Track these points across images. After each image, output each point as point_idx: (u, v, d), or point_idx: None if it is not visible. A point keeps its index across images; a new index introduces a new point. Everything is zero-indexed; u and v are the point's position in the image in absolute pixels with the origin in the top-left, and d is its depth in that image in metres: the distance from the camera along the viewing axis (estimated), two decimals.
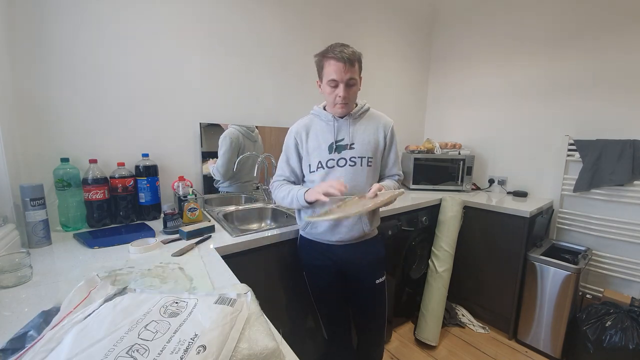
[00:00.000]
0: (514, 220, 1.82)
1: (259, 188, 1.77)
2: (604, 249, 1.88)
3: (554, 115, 2.05)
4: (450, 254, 1.91)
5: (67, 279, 0.82)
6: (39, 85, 1.18)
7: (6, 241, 0.91)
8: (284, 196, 1.17)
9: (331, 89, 1.08)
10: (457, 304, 2.19)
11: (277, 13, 1.78)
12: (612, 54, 1.80)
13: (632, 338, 1.46)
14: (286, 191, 1.16)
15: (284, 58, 1.85)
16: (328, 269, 1.22)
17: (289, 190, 1.16)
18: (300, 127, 1.20)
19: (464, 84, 2.53)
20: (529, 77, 2.15)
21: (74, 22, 1.22)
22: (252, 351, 0.50)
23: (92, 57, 1.27)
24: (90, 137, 1.30)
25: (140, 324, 0.52)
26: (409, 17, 2.53)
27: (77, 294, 0.64)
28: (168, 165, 1.50)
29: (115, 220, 1.31)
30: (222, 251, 1.06)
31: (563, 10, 1.96)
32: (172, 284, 0.79)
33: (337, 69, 1.03)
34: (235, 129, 1.67)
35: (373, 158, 1.16)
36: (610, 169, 1.78)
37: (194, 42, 1.52)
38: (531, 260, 1.80)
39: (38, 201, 1.01)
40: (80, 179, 1.22)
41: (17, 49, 1.12)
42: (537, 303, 1.79)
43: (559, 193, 2.03)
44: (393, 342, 1.90)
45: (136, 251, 1.00)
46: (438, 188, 2.28)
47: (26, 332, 0.56)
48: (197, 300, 0.60)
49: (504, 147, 2.32)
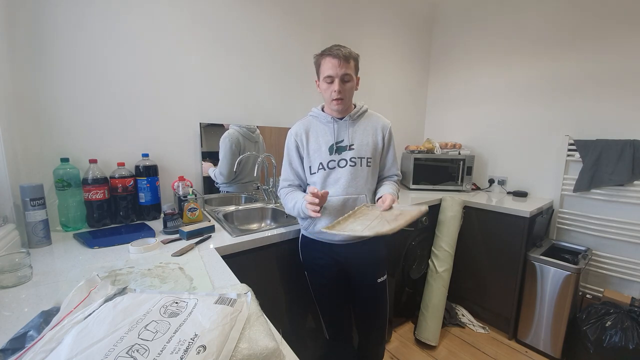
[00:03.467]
0: (514, 220, 1.82)
1: (259, 188, 1.77)
2: (604, 249, 1.88)
3: (554, 115, 2.05)
4: (450, 254, 1.91)
5: (67, 279, 0.82)
6: (39, 85, 1.18)
7: (6, 241, 0.91)
8: (291, 208, 1.18)
9: (327, 85, 1.10)
10: (457, 304, 2.19)
11: (277, 13, 1.78)
12: (612, 54, 1.80)
13: (632, 338, 1.46)
14: (292, 202, 1.17)
15: (284, 58, 1.85)
16: (330, 268, 1.22)
17: (294, 202, 1.16)
18: (299, 129, 1.20)
19: (464, 84, 2.53)
20: (529, 77, 2.15)
21: (74, 22, 1.22)
22: (252, 351, 0.50)
23: (92, 57, 1.27)
24: (90, 137, 1.30)
25: (140, 324, 0.52)
26: (408, 17, 2.53)
27: (77, 294, 0.63)
28: (168, 165, 1.50)
29: (115, 220, 1.31)
30: (222, 251, 1.06)
31: (563, 11, 1.96)
32: (172, 284, 0.79)
33: (333, 65, 1.07)
34: (235, 129, 1.67)
35: (372, 158, 1.17)
36: (610, 169, 1.78)
37: (194, 42, 1.52)
38: (531, 260, 1.80)
39: (38, 201, 1.01)
40: (80, 179, 1.22)
41: (17, 48, 1.12)
42: (537, 303, 1.79)
43: (559, 193, 2.03)
44: (393, 342, 1.90)
45: (136, 251, 1.00)
46: (438, 188, 2.28)
47: (26, 332, 0.56)
48: (197, 300, 0.60)
49: (504, 147, 2.32)
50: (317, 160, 1.16)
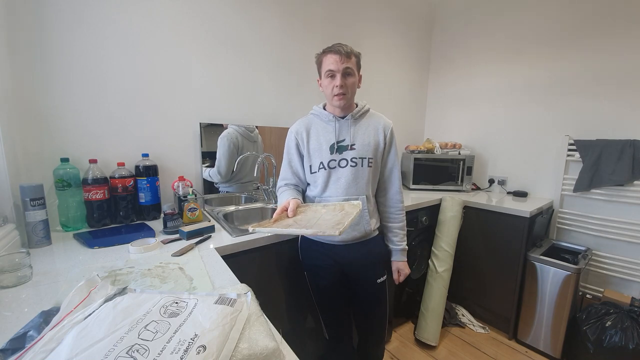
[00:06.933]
0: (514, 220, 1.82)
1: (259, 188, 1.77)
2: (604, 249, 1.88)
3: (554, 115, 2.05)
4: (450, 254, 1.91)
5: (67, 279, 0.82)
6: (39, 85, 1.18)
7: (6, 241, 0.91)
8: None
9: (329, 80, 1.10)
10: (457, 304, 2.19)
11: (277, 13, 1.78)
12: (612, 54, 1.80)
13: (632, 338, 1.46)
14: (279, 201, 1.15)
15: (284, 58, 1.85)
16: (330, 268, 1.22)
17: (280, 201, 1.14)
18: (300, 127, 1.20)
19: (464, 84, 2.53)
20: (529, 77, 2.15)
21: (74, 22, 1.22)
22: (252, 351, 0.50)
23: (92, 57, 1.27)
24: (90, 137, 1.30)
25: (140, 324, 0.52)
26: (408, 17, 2.53)
27: (77, 294, 0.63)
28: (168, 165, 1.50)
29: (115, 220, 1.31)
30: (222, 251, 1.06)
31: (563, 11, 1.96)
32: (172, 284, 0.79)
33: (334, 60, 1.07)
34: (233, 129, 1.67)
35: (373, 158, 1.17)
36: (610, 169, 1.78)
37: (194, 42, 1.52)
38: (531, 260, 1.80)
39: (38, 201, 1.01)
40: (80, 179, 1.22)
41: (17, 48, 1.12)
42: (537, 303, 1.79)
43: (559, 193, 2.03)
44: (393, 342, 1.90)
45: (136, 251, 1.00)
46: (438, 188, 2.28)
47: (26, 332, 0.56)
48: (197, 300, 0.60)
49: (504, 147, 2.32)
50: (318, 159, 1.16)
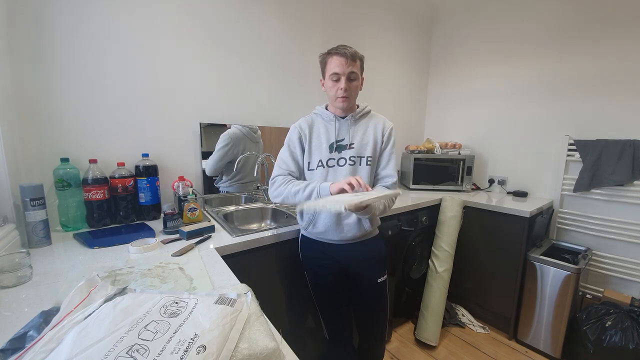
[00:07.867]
0: (514, 220, 1.82)
1: (259, 188, 1.77)
2: (604, 249, 1.88)
3: (554, 116, 2.05)
4: (450, 254, 1.91)
5: (67, 279, 0.82)
6: (39, 85, 1.18)
7: (6, 241, 0.91)
8: (298, 190, 1.09)
9: (333, 82, 1.11)
10: (457, 304, 2.19)
11: (277, 14, 1.78)
12: (612, 54, 1.80)
13: (632, 338, 1.46)
14: (302, 185, 1.10)
15: (284, 59, 1.85)
16: (330, 268, 1.22)
17: (305, 184, 1.10)
18: (303, 123, 1.22)
19: (464, 84, 2.53)
20: (529, 77, 2.15)
21: (74, 23, 1.22)
22: (252, 351, 0.50)
23: (92, 57, 1.27)
24: (90, 137, 1.30)
25: (140, 324, 0.52)
26: (408, 17, 2.53)
27: (77, 294, 0.63)
28: (168, 165, 1.50)
29: (115, 220, 1.31)
30: (222, 251, 1.06)
31: (563, 11, 1.96)
32: (172, 284, 0.79)
33: (340, 63, 1.08)
34: (238, 128, 1.67)
35: (372, 157, 1.18)
36: (610, 169, 1.78)
37: (194, 43, 1.52)
38: (531, 260, 1.80)
39: (38, 201, 1.01)
40: (80, 179, 1.22)
41: (17, 49, 1.12)
42: (537, 303, 1.79)
43: (559, 193, 2.03)
44: (393, 342, 1.90)
45: (136, 251, 1.00)
46: (438, 188, 2.28)
47: (26, 332, 0.56)
48: (197, 300, 0.60)
49: (504, 147, 2.32)
50: (317, 157, 1.17)
